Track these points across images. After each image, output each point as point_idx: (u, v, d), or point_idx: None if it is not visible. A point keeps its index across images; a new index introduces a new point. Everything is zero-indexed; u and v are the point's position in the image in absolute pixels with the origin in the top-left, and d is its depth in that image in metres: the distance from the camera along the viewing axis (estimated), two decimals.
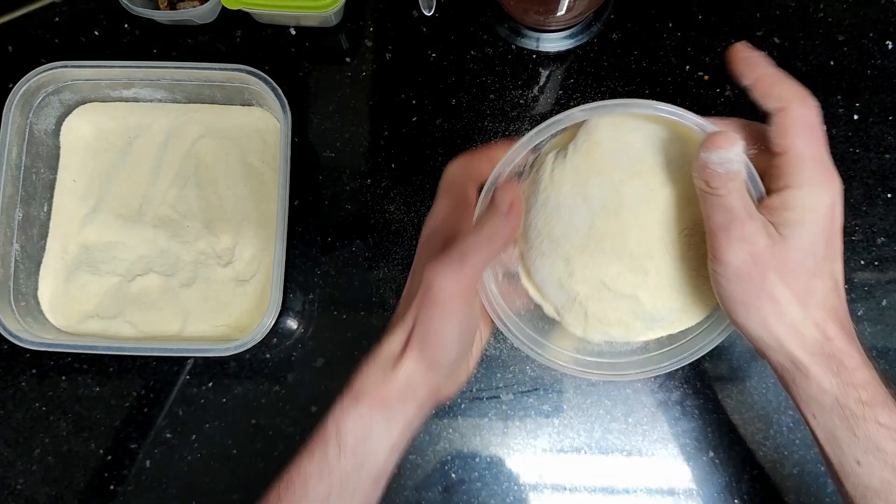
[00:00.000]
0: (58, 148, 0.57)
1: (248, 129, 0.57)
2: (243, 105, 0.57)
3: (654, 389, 0.53)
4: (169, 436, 0.53)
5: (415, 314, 0.35)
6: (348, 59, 0.58)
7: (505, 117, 0.57)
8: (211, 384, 0.54)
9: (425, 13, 0.56)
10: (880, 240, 0.54)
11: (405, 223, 0.55)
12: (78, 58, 0.53)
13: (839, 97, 0.55)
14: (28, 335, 0.50)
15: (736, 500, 0.51)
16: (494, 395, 0.53)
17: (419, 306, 0.34)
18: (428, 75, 0.57)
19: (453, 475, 0.52)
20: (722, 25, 0.57)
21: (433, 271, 0.34)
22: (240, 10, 0.55)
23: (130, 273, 0.55)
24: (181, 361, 0.54)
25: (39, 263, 0.55)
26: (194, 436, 0.53)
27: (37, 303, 0.54)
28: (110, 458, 0.53)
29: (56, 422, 0.54)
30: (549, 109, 0.57)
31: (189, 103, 0.57)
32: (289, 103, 0.52)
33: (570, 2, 0.50)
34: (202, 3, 0.56)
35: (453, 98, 0.57)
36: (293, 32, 0.59)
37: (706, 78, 0.56)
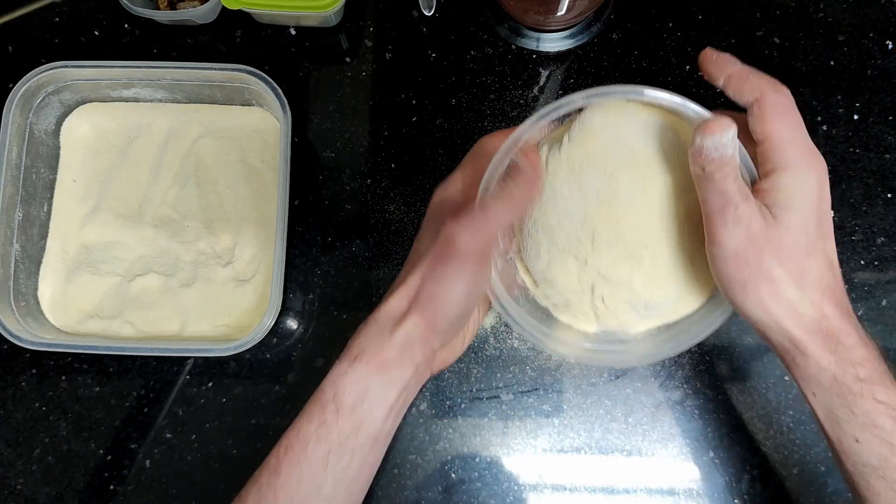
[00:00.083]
0: (58, 148, 0.57)
1: (248, 129, 0.57)
2: (243, 105, 0.57)
3: (654, 389, 0.53)
4: (169, 436, 0.53)
5: (422, 273, 0.36)
6: (348, 59, 0.58)
7: (505, 117, 0.57)
8: (211, 384, 0.54)
9: (425, 13, 0.56)
10: (880, 240, 0.54)
11: (405, 223, 0.56)
12: (78, 58, 0.53)
13: (839, 97, 0.55)
14: (28, 335, 0.50)
15: (736, 500, 0.51)
16: (494, 395, 0.53)
17: (433, 261, 0.35)
18: (428, 75, 0.57)
19: (453, 475, 0.52)
20: (722, 25, 0.57)
21: (455, 226, 0.34)
22: (240, 10, 0.55)
23: (130, 273, 0.55)
24: (181, 361, 0.54)
25: (39, 263, 0.55)
26: (194, 436, 0.53)
27: (37, 303, 0.54)
28: (110, 458, 0.53)
29: (56, 422, 0.54)
30: None
31: (189, 103, 0.57)
32: (289, 103, 0.52)
33: (570, 2, 0.50)
34: (202, 3, 0.56)
35: (453, 98, 0.57)
36: (293, 32, 0.59)
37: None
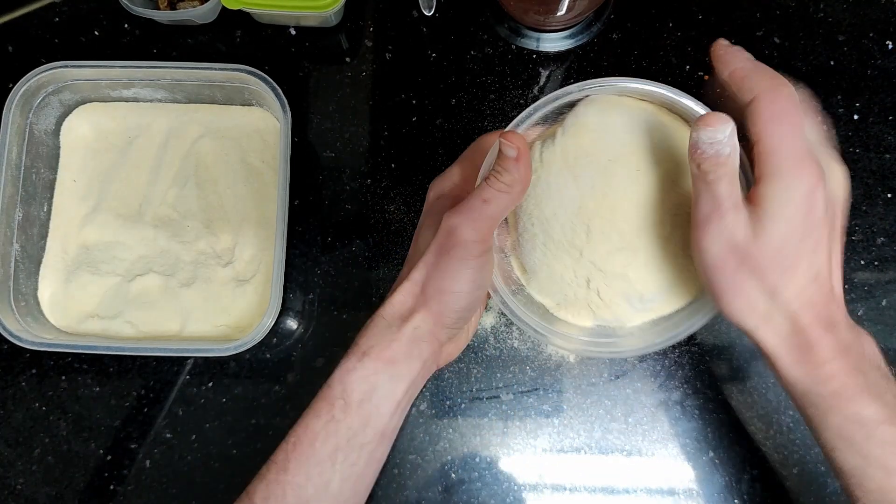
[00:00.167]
0: (58, 148, 0.57)
1: (248, 129, 0.57)
2: (243, 105, 0.57)
3: (654, 389, 0.53)
4: (169, 436, 0.53)
5: (427, 267, 0.36)
6: (348, 59, 0.58)
7: (505, 117, 0.57)
8: (211, 384, 0.54)
9: (425, 13, 0.56)
10: (880, 240, 0.54)
11: (405, 223, 0.55)
12: (78, 58, 0.53)
13: (839, 97, 0.55)
14: (28, 335, 0.50)
15: (736, 500, 0.51)
16: (494, 395, 0.53)
17: (437, 255, 0.35)
18: (428, 75, 0.57)
19: (453, 475, 0.52)
20: (722, 25, 0.57)
21: (455, 218, 0.34)
22: (240, 10, 0.55)
23: (130, 273, 0.55)
24: (181, 361, 0.54)
25: (39, 263, 0.55)
26: (194, 436, 0.53)
27: (37, 303, 0.54)
28: (110, 458, 0.53)
29: (56, 422, 0.54)
30: None
31: (189, 103, 0.57)
32: (289, 103, 0.52)
33: (570, 2, 0.50)
34: (202, 3, 0.56)
35: (453, 98, 0.57)
36: (293, 32, 0.59)
37: (706, 78, 0.56)
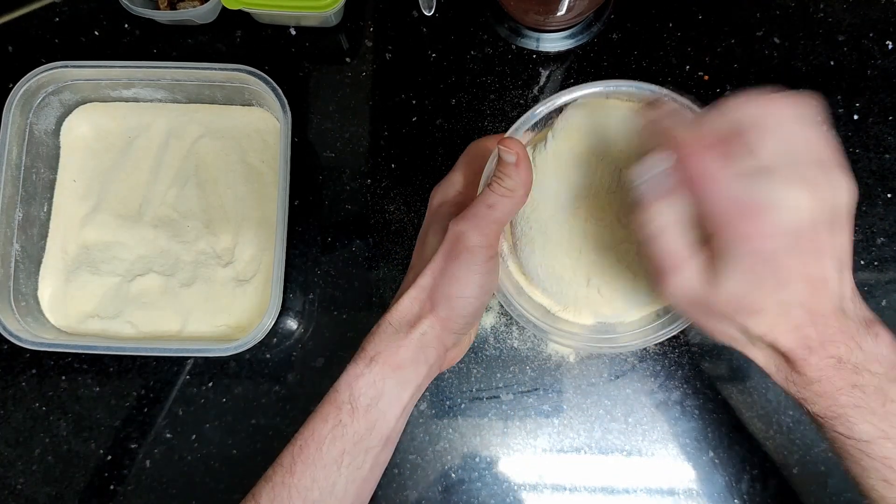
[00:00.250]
0: (58, 148, 0.57)
1: (248, 129, 0.57)
2: (243, 105, 0.57)
3: (654, 389, 0.53)
4: (169, 436, 0.53)
5: (434, 273, 0.36)
6: (348, 59, 0.58)
7: (505, 117, 0.57)
8: (211, 384, 0.54)
9: (425, 13, 0.56)
10: (880, 240, 0.54)
11: (405, 223, 0.56)
12: (78, 58, 0.53)
13: (839, 97, 0.55)
14: (28, 335, 0.50)
15: (736, 500, 0.51)
16: (494, 395, 0.53)
17: (444, 260, 0.36)
18: (428, 75, 0.57)
19: (453, 475, 0.52)
20: (722, 25, 0.57)
21: (462, 225, 0.35)
22: (240, 10, 0.55)
23: (130, 273, 0.55)
24: (181, 361, 0.54)
25: (39, 263, 0.55)
26: (194, 436, 0.53)
27: (37, 303, 0.54)
28: (110, 458, 0.53)
29: (56, 422, 0.54)
30: None
31: (189, 103, 0.57)
32: (289, 103, 0.52)
33: (570, 2, 0.50)
34: (202, 3, 0.56)
35: (453, 98, 0.57)
36: (293, 32, 0.59)
37: (706, 78, 0.56)
